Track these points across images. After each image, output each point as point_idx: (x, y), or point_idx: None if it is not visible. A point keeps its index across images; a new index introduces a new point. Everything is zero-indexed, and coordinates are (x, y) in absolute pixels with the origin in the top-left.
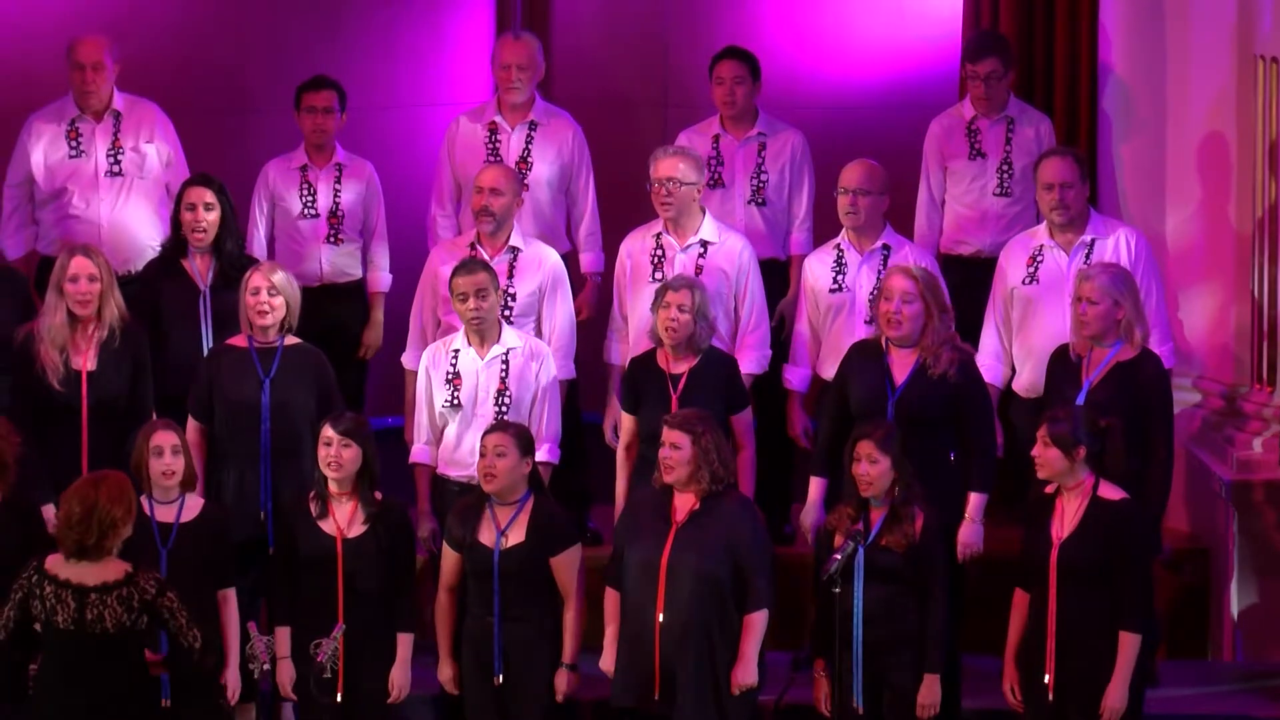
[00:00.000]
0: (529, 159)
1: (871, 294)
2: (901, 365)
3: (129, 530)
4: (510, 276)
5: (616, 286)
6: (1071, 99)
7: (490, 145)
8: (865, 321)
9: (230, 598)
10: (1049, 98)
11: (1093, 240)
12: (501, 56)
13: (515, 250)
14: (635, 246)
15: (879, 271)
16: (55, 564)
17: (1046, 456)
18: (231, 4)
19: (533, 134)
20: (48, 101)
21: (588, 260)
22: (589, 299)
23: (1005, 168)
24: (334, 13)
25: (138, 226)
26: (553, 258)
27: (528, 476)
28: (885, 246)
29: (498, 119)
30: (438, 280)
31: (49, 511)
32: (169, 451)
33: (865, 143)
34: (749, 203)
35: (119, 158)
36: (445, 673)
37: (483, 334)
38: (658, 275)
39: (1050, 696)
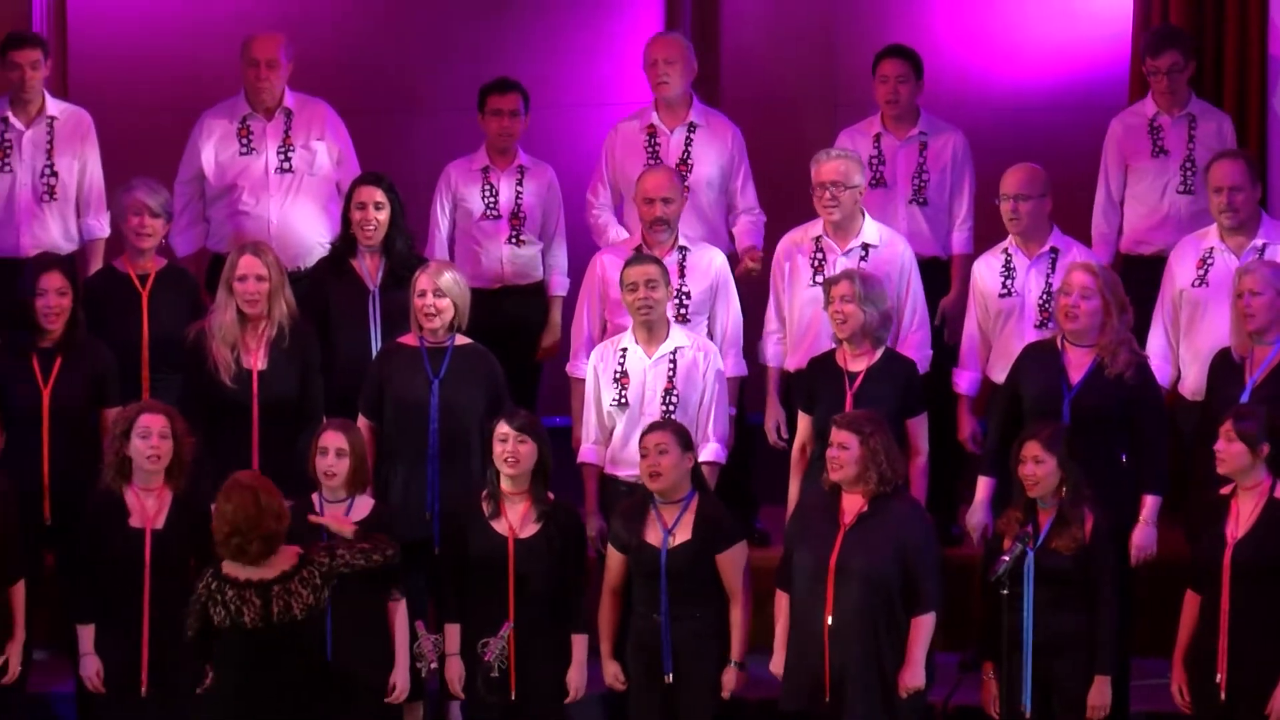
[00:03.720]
0: (689, 161)
1: (1041, 298)
2: (1078, 365)
3: (285, 520)
4: (682, 276)
5: (773, 288)
6: (1241, 97)
7: (650, 148)
8: (1035, 325)
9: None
10: (1218, 95)
11: (1264, 245)
12: (650, 53)
13: (684, 250)
14: (793, 246)
15: (1048, 275)
16: (232, 567)
17: (1230, 451)
18: (398, 4)
19: (692, 135)
20: (217, 100)
21: (745, 238)
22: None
23: (1188, 165)
24: (501, 12)
25: (307, 224)
26: (719, 257)
27: (690, 473)
28: (1053, 249)
29: (656, 122)
30: (606, 285)
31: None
32: (333, 453)
33: (1034, 144)
34: (910, 202)
35: (289, 155)
36: (609, 672)
37: (651, 328)
38: (818, 279)
39: (1222, 697)
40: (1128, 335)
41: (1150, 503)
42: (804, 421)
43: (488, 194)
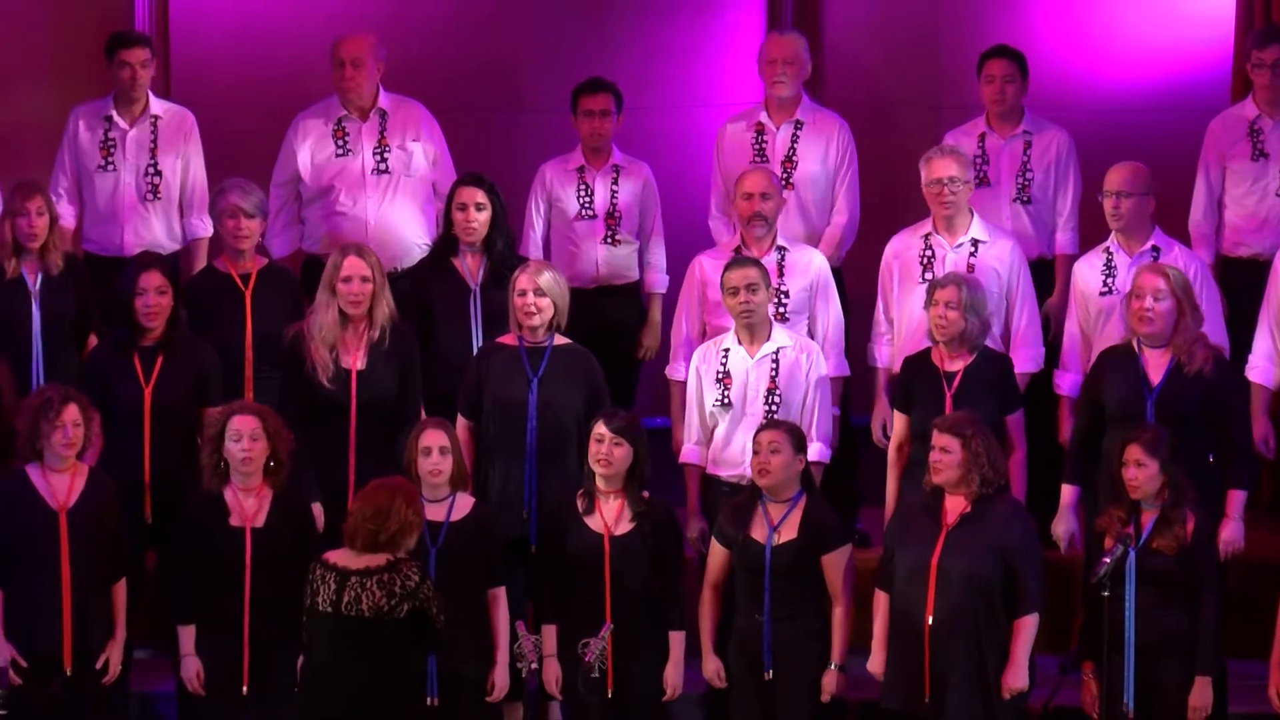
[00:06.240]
0: (794, 157)
1: None
2: (1156, 366)
3: (415, 537)
4: (780, 275)
5: (881, 288)
6: None
7: (757, 146)
8: None
9: (500, 597)
10: None
11: None
12: (767, 52)
13: (783, 250)
14: (902, 247)
15: None
16: (332, 554)
17: None
18: (503, 4)
19: (798, 132)
20: (314, 101)
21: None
22: None
23: None
24: (604, 12)
25: (404, 225)
26: (819, 258)
27: (800, 475)
28: (1154, 248)
29: (763, 119)
30: (705, 287)
31: (318, 509)
32: (436, 451)
33: (1136, 145)
34: (1014, 201)
35: (385, 156)
36: (709, 668)
37: (752, 331)
38: (927, 276)
39: None
40: (1201, 332)
41: (1236, 498)
42: (900, 421)
43: (583, 194)
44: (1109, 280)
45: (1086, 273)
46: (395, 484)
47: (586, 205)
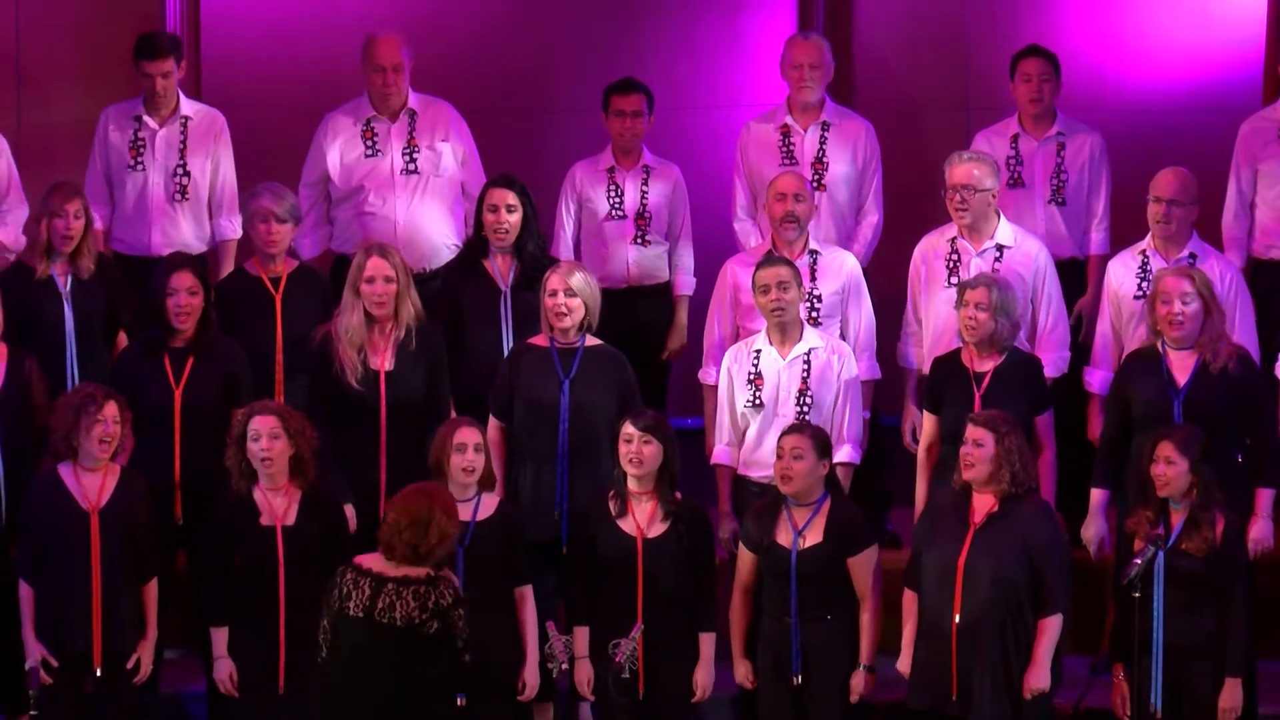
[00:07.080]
0: (824, 159)
1: None
2: (1181, 367)
3: (450, 546)
4: (813, 278)
5: (910, 289)
6: None
7: (784, 148)
8: None
9: (527, 595)
10: None
11: None
12: (792, 56)
13: (815, 253)
14: (930, 250)
15: None
16: (365, 559)
17: None
18: (532, 5)
19: (826, 134)
20: (345, 101)
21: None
22: None
23: None
24: (635, 13)
25: (433, 225)
26: (851, 260)
27: (824, 478)
28: (1192, 255)
29: (789, 121)
30: (737, 291)
31: (349, 510)
32: (471, 449)
33: (1168, 147)
34: (1048, 203)
35: (414, 156)
36: (740, 671)
37: (784, 330)
38: (953, 280)
39: None
40: (1224, 329)
41: (1264, 496)
42: (929, 422)
43: (613, 194)
44: (1143, 284)
45: (1121, 274)
46: (433, 491)
47: (616, 206)
